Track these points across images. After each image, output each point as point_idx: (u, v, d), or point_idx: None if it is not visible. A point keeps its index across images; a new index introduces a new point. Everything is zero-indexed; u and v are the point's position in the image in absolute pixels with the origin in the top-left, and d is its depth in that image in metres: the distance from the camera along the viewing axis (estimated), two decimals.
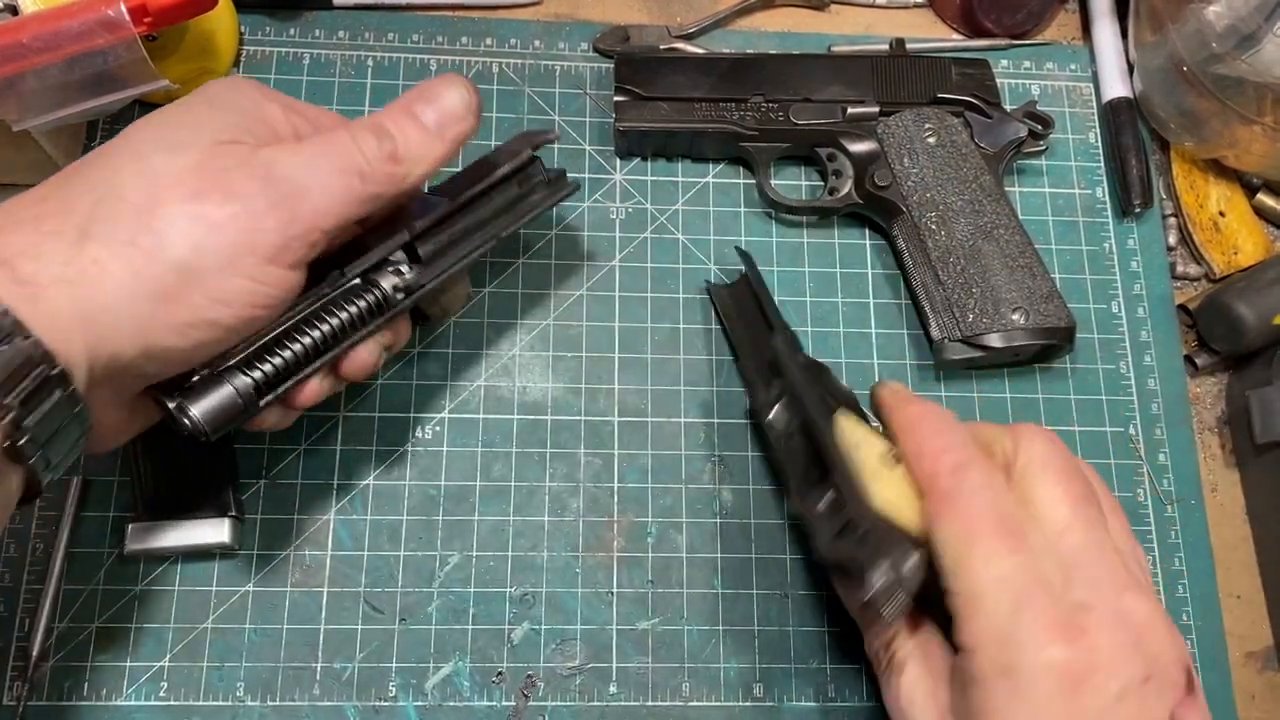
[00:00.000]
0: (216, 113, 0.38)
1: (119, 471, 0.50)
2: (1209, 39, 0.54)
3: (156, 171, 0.35)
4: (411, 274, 0.43)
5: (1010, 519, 0.38)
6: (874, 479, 0.42)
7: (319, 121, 0.41)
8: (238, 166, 0.36)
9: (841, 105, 0.57)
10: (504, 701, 0.49)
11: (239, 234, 0.35)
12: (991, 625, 0.36)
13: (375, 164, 0.38)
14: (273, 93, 0.40)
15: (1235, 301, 0.54)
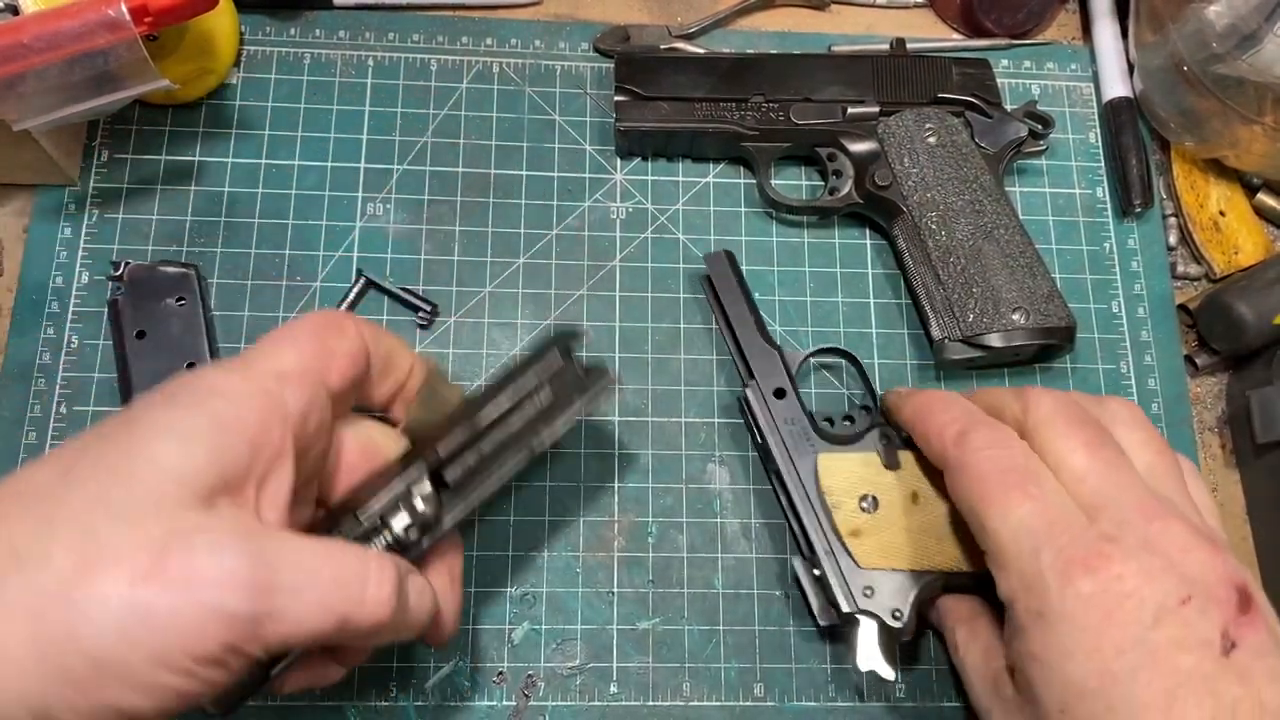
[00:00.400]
0: (214, 439, 0.31)
1: None
2: (1209, 39, 0.54)
3: (100, 539, 0.28)
4: (428, 508, 0.38)
5: (1019, 470, 0.38)
6: (855, 536, 0.46)
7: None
8: (208, 548, 0.29)
9: (842, 105, 0.57)
10: (504, 701, 0.49)
11: (184, 635, 0.28)
12: (1018, 573, 0.36)
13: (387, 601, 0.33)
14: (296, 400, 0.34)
15: (1235, 301, 0.54)
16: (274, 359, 0.35)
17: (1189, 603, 0.34)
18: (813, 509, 0.47)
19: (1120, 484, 0.38)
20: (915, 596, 0.45)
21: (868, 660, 0.45)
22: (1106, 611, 0.34)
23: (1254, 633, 0.34)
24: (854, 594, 0.46)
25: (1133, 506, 0.37)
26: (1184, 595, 0.34)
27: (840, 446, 0.48)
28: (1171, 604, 0.34)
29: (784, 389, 0.50)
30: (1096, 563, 0.35)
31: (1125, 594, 0.34)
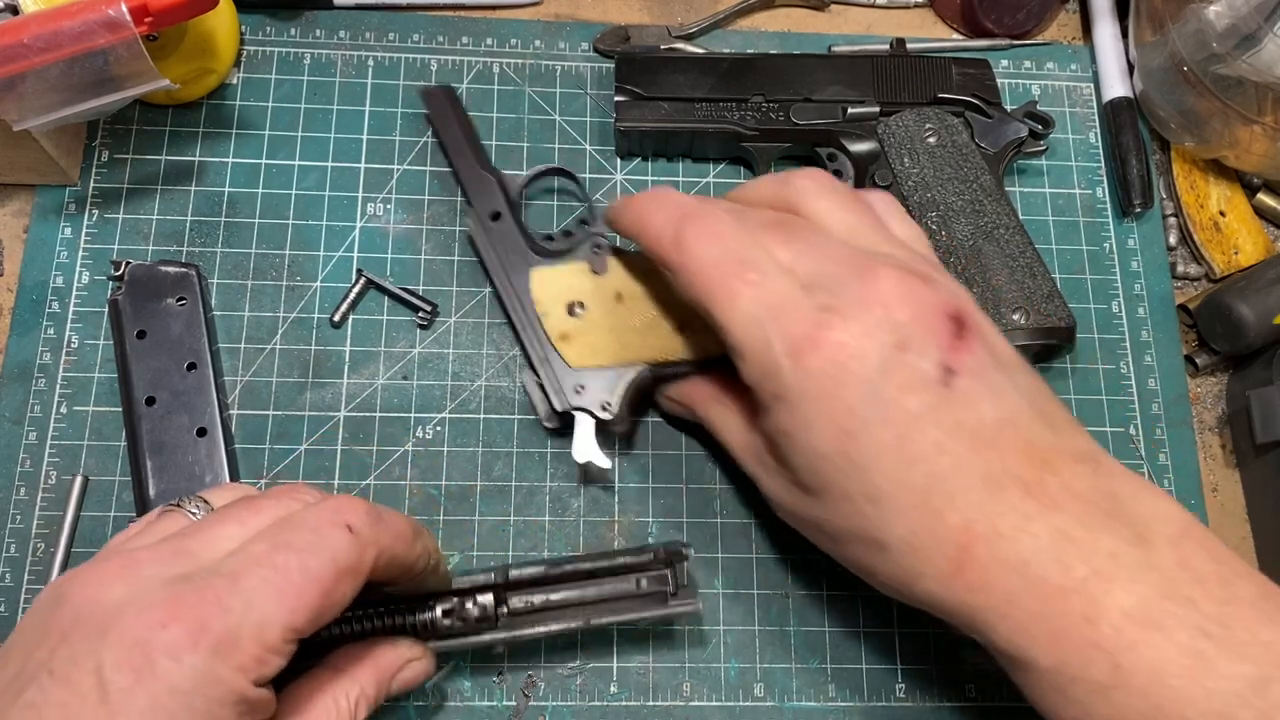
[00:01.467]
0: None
1: (120, 471, 0.50)
2: (1209, 39, 0.54)
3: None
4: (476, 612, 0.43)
5: (735, 258, 0.39)
6: (564, 340, 0.49)
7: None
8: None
9: (842, 105, 0.57)
10: (505, 701, 0.49)
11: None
12: (755, 363, 0.38)
13: None
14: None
15: (1235, 301, 0.54)
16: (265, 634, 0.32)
17: (904, 348, 0.36)
18: (526, 320, 0.50)
19: (824, 257, 0.38)
20: (623, 389, 0.49)
21: (583, 452, 0.48)
22: (835, 379, 0.35)
23: (969, 355, 0.36)
24: (566, 393, 0.49)
25: (844, 270, 0.37)
26: (901, 340, 0.36)
27: (554, 259, 0.51)
28: (891, 353, 0.35)
29: (500, 211, 0.52)
30: (819, 334, 0.36)
31: (850, 357, 0.35)
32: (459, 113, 0.56)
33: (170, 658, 0.30)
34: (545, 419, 0.51)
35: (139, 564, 0.33)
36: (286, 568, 0.33)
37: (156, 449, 0.49)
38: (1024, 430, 0.36)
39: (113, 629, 0.31)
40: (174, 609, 0.31)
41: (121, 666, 0.30)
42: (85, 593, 0.32)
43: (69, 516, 0.49)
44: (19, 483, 0.50)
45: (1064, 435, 0.36)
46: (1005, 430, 0.35)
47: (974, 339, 0.37)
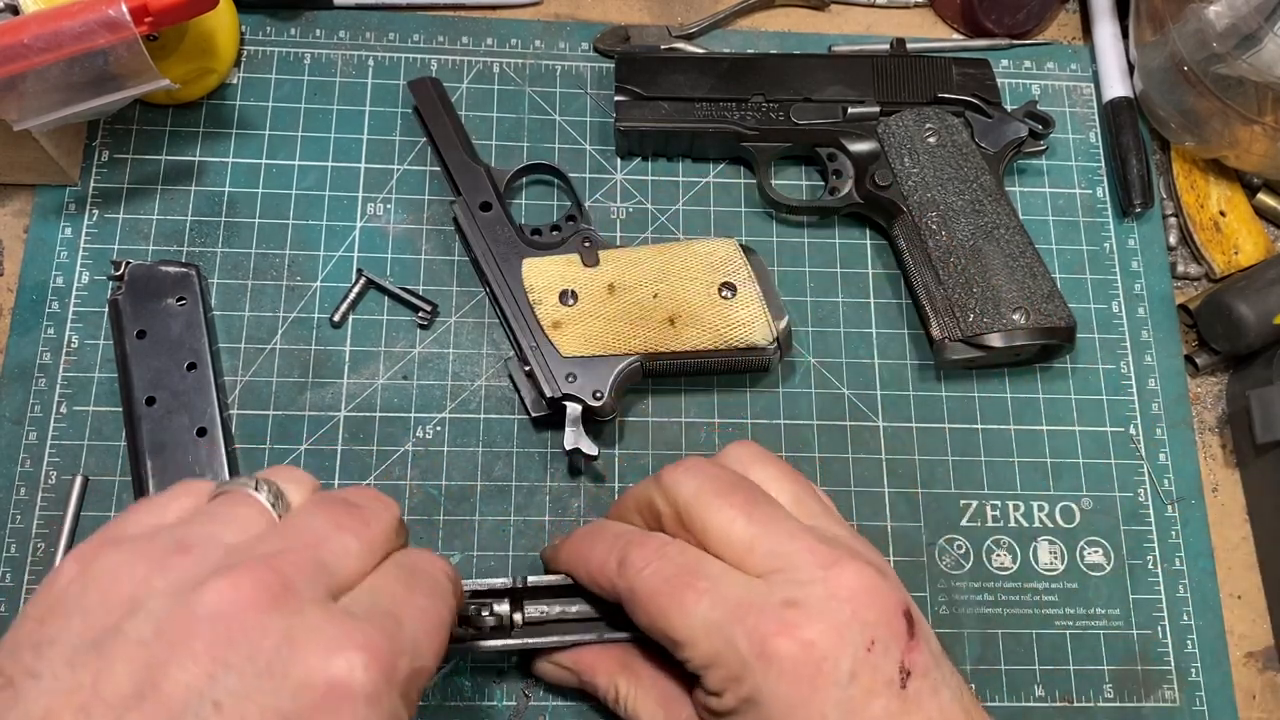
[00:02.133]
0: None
1: (120, 471, 0.50)
2: (1209, 39, 0.54)
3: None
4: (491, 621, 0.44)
5: (681, 570, 0.38)
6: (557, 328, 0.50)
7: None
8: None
9: (842, 105, 0.57)
10: (505, 701, 0.49)
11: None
12: (722, 667, 0.36)
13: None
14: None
15: (1235, 301, 0.54)
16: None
17: (874, 647, 0.35)
18: (518, 308, 0.51)
19: (787, 538, 0.38)
20: (614, 377, 0.50)
21: (572, 439, 0.49)
22: (809, 680, 0.35)
23: (919, 654, 0.36)
24: (557, 381, 0.49)
25: (806, 559, 0.37)
26: (869, 641, 0.35)
27: (545, 251, 0.52)
28: (861, 654, 0.35)
29: (490, 203, 0.53)
30: (788, 634, 0.35)
31: (822, 657, 0.35)
32: (447, 104, 0.56)
33: (370, 704, 0.28)
34: (532, 406, 0.51)
35: (292, 582, 0.29)
36: (428, 612, 0.32)
37: (156, 449, 0.49)
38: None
39: (296, 665, 0.27)
40: (370, 651, 0.28)
41: (316, 711, 0.27)
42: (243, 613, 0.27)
43: (69, 516, 0.49)
44: (19, 483, 0.50)
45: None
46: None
47: (919, 637, 0.37)
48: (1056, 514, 0.54)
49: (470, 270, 0.55)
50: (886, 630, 0.36)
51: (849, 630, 0.35)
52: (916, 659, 0.36)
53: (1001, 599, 0.52)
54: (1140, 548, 0.54)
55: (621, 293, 0.51)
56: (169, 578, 0.28)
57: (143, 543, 0.30)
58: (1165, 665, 0.52)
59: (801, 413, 0.55)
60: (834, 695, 0.34)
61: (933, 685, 0.36)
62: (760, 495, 0.40)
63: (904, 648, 0.36)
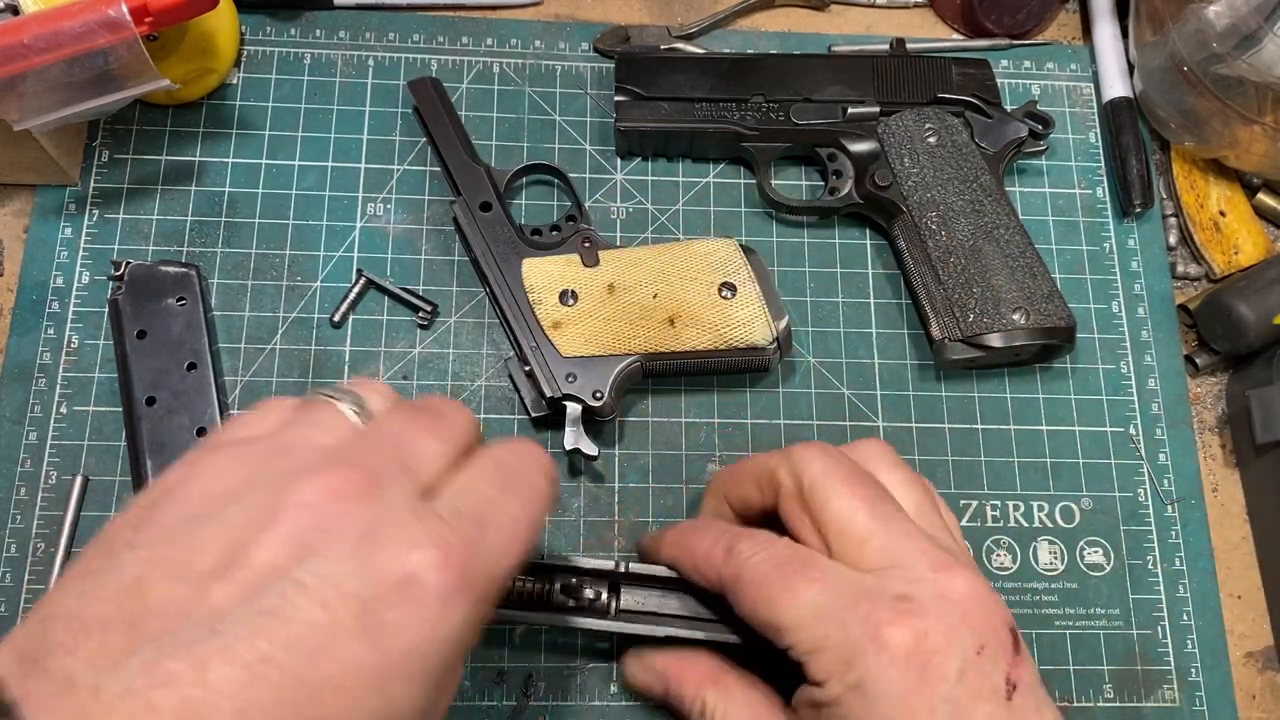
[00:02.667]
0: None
1: (120, 471, 0.50)
2: (1209, 39, 0.54)
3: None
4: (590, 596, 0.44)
5: (793, 560, 0.38)
6: (557, 328, 0.50)
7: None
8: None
9: (842, 105, 0.57)
10: (505, 701, 0.49)
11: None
12: (830, 651, 0.36)
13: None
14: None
15: (1235, 301, 0.54)
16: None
17: (983, 652, 0.36)
18: (518, 308, 0.51)
19: (903, 538, 0.38)
20: (614, 377, 0.50)
21: (572, 439, 0.49)
22: (919, 671, 0.35)
23: (1025, 671, 0.36)
24: (558, 381, 0.49)
25: (920, 560, 0.37)
26: (979, 645, 0.36)
27: (545, 251, 0.52)
28: (970, 656, 0.35)
29: (490, 203, 0.53)
30: (906, 622, 0.35)
31: (933, 651, 0.35)
32: (447, 104, 0.56)
33: (442, 603, 0.28)
34: (532, 406, 0.51)
35: (380, 478, 0.30)
36: (517, 518, 0.32)
37: (156, 449, 0.49)
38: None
39: (377, 556, 0.28)
40: (446, 552, 0.29)
41: (391, 602, 0.27)
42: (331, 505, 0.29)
43: (69, 516, 0.49)
44: (19, 483, 0.50)
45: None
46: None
47: (1024, 654, 0.37)
48: (1056, 514, 0.54)
49: (470, 270, 0.55)
50: (995, 639, 0.36)
51: (960, 631, 0.35)
52: (1022, 674, 0.36)
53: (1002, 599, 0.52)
54: (1140, 548, 0.54)
55: (621, 293, 0.51)
56: (267, 474, 0.30)
57: (244, 446, 0.31)
58: (1165, 665, 0.52)
59: (801, 413, 0.55)
60: (942, 691, 0.35)
61: (1036, 703, 0.36)
62: (884, 493, 0.40)
63: (1010, 660, 0.36)
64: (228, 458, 0.31)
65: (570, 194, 0.56)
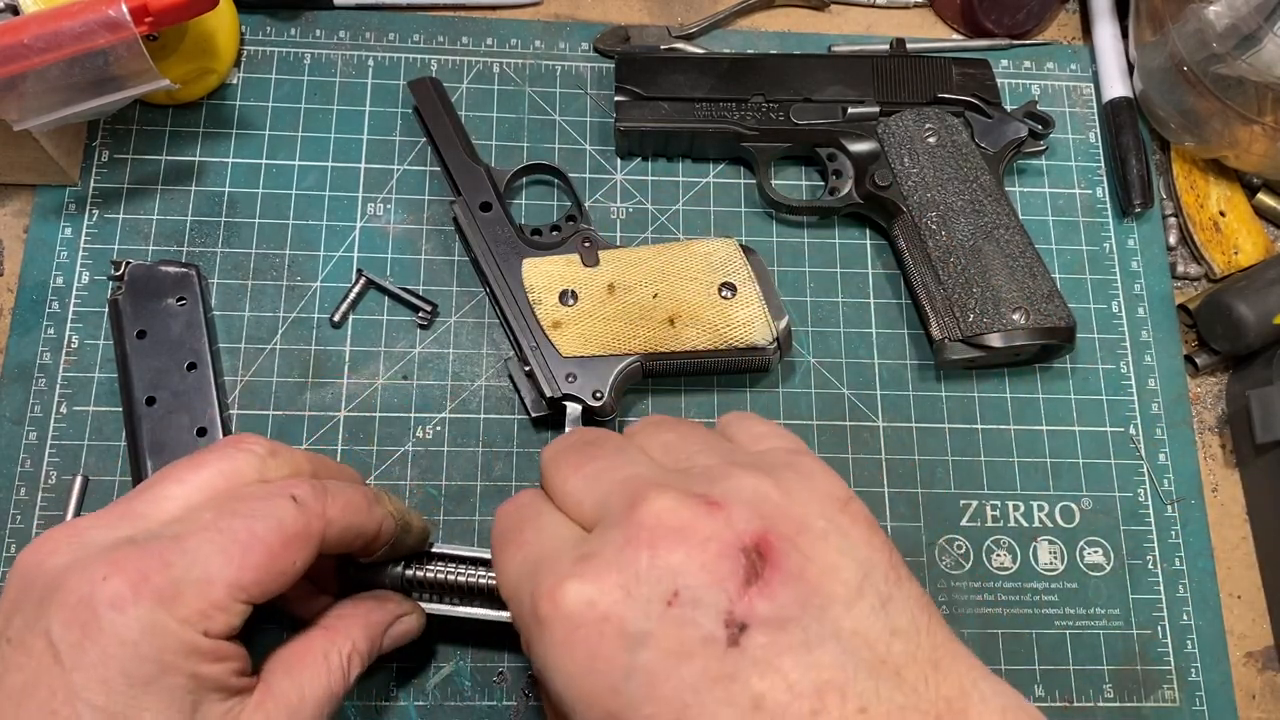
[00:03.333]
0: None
1: (120, 471, 0.50)
2: (1209, 39, 0.54)
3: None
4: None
5: (516, 520, 0.34)
6: (557, 328, 0.50)
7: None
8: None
9: (842, 105, 0.57)
10: (505, 701, 0.49)
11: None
12: (522, 627, 0.32)
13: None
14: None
15: (1235, 301, 0.54)
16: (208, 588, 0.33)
17: (676, 600, 0.28)
18: (518, 308, 0.51)
19: (607, 483, 0.32)
20: (614, 377, 0.50)
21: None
22: (587, 647, 0.28)
23: (767, 598, 0.28)
24: (558, 381, 0.50)
25: (618, 499, 0.31)
26: (670, 593, 0.28)
27: (545, 251, 0.52)
28: (656, 611, 0.28)
29: (490, 203, 0.53)
30: (558, 596, 0.29)
31: (601, 619, 0.28)
32: (447, 104, 0.56)
33: (114, 609, 0.31)
34: (532, 407, 0.51)
35: (82, 529, 0.34)
36: (232, 530, 0.34)
37: (156, 449, 0.49)
38: (852, 695, 0.26)
39: (58, 590, 0.32)
40: (115, 564, 0.32)
41: (69, 624, 0.31)
42: (33, 560, 0.33)
43: (69, 516, 0.49)
44: (19, 483, 0.50)
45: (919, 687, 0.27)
46: (826, 698, 0.26)
47: (777, 572, 0.28)
48: (1056, 514, 0.54)
49: (470, 270, 0.55)
50: (700, 576, 0.28)
51: (639, 583, 0.28)
52: (760, 605, 0.27)
53: (1001, 599, 0.52)
54: (1140, 548, 0.54)
55: (621, 293, 0.51)
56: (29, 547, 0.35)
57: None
58: (1165, 665, 0.52)
59: (801, 413, 0.55)
60: (621, 662, 0.28)
61: (802, 640, 0.27)
62: (604, 450, 0.34)
63: (736, 594, 0.28)
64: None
65: (570, 194, 0.56)
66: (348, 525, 0.37)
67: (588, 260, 0.52)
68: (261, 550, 0.34)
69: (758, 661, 0.27)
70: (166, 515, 0.35)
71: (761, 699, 0.26)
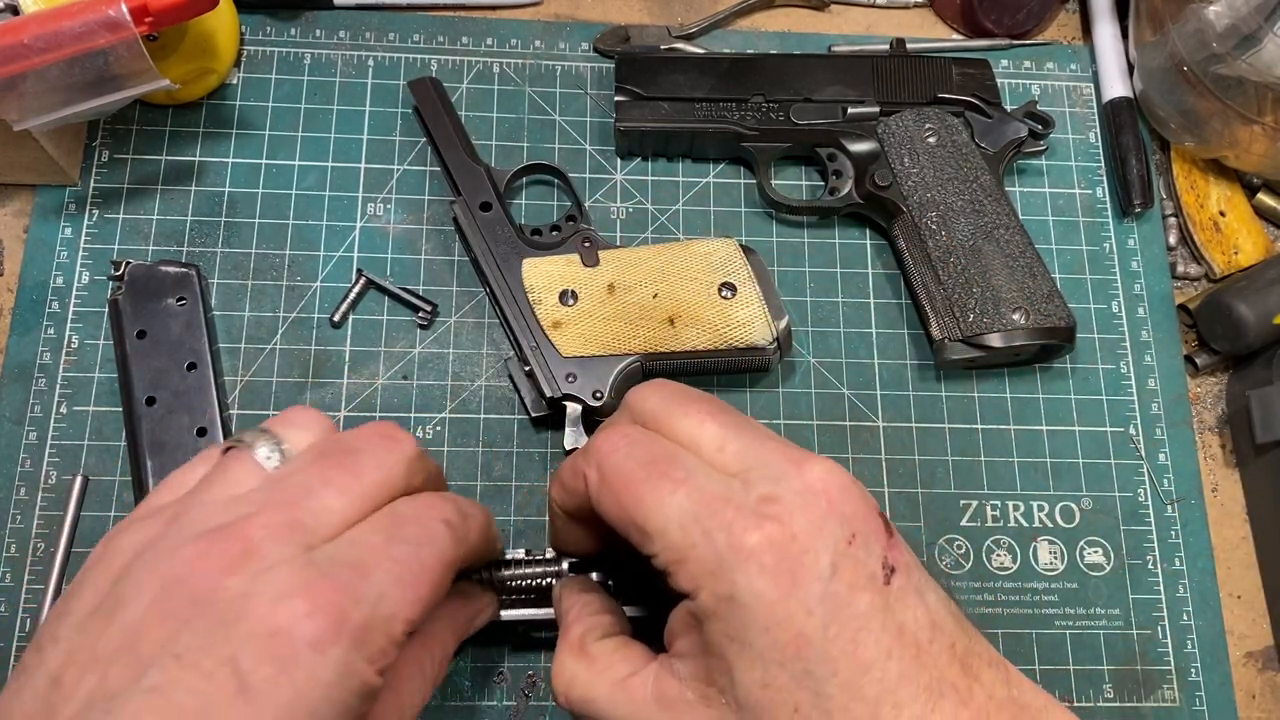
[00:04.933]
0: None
1: (120, 471, 0.50)
2: (1209, 39, 0.54)
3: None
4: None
5: (657, 458, 0.36)
6: (557, 328, 0.50)
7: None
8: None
9: (842, 105, 0.57)
10: (505, 701, 0.49)
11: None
12: (697, 562, 0.35)
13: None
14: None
15: (1235, 301, 0.54)
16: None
17: (855, 541, 0.34)
18: (518, 308, 0.51)
19: (757, 439, 0.37)
20: (614, 377, 0.50)
21: (572, 440, 0.50)
22: (791, 574, 0.33)
23: (900, 553, 0.35)
24: (558, 381, 0.50)
25: (777, 456, 0.36)
26: (849, 535, 0.34)
27: (545, 251, 0.52)
28: (842, 548, 0.34)
29: (490, 203, 0.53)
30: (769, 528, 0.34)
31: (802, 550, 0.33)
32: (447, 104, 0.56)
33: (315, 650, 0.29)
34: (532, 407, 0.51)
35: (258, 545, 0.31)
36: (405, 559, 0.33)
37: (156, 449, 0.49)
38: (948, 633, 0.34)
39: (246, 617, 0.29)
40: (313, 598, 0.30)
41: (262, 659, 0.29)
42: (205, 577, 0.30)
43: (69, 516, 0.49)
44: (19, 483, 0.50)
45: (974, 636, 0.35)
46: (936, 633, 0.34)
47: (898, 537, 0.36)
48: (1056, 514, 0.54)
49: (470, 270, 0.55)
50: (865, 525, 0.34)
51: (828, 524, 0.34)
52: (899, 557, 0.35)
53: (1001, 599, 0.52)
54: (1140, 548, 0.54)
55: (621, 293, 0.51)
56: (158, 547, 0.31)
57: (146, 520, 0.33)
58: (1165, 665, 0.52)
59: (801, 413, 0.55)
60: (816, 590, 0.33)
61: (917, 585, 0.35)
62: (722, 404, 0.39)
63: (884, 544, 0.35)
64: (130, 534, 0.33)
65: (570, 194, 0.56)
66: (480, 550, 0.38)
67: (588, 260, 0.52)
68: (429, 582, 0.33)
69: (899, 599, 0.34)
70: (332, 530, 0.33)
71: (903, 627, 0.33)
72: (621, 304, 0.51)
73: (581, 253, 0.52)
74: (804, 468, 0.35)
